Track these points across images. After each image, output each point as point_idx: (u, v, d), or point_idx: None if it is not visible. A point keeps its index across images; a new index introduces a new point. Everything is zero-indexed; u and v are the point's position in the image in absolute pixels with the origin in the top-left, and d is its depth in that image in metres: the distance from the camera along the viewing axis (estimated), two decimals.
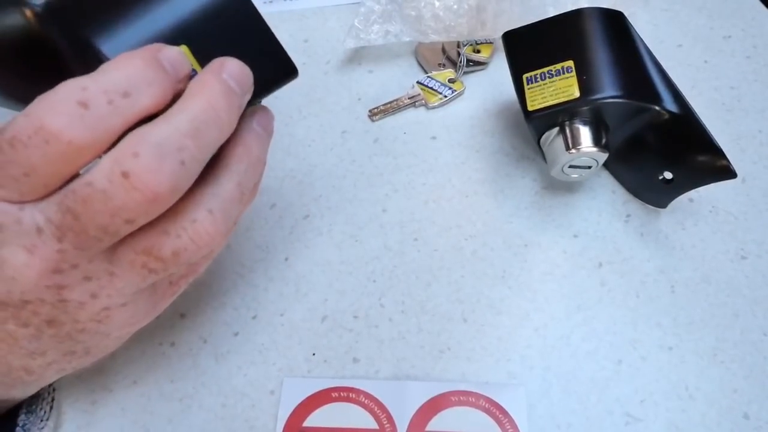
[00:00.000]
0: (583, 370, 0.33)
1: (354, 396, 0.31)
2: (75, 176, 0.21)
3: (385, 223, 0.38)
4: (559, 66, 0.35)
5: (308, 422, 0.31)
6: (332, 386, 0.32)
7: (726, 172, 0.33)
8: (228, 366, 0.33)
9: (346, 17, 0.49)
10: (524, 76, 0.36)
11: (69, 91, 0.19)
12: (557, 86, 0.34)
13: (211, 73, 0.22)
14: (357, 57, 0.47)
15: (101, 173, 0.20)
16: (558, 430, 0.31)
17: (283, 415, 0.31)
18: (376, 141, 0.42)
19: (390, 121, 0.43)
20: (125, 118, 0.20)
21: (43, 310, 0.22)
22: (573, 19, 0.35)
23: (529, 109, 0.35)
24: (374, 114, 0.43)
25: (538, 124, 0.36)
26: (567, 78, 0.34)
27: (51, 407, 0.30)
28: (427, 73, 0.46)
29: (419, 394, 0.31)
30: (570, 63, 0.34)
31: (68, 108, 0.19)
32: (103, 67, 0.20)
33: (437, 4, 0.43)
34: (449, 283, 0.36)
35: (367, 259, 0.37)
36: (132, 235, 0.22)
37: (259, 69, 0.24)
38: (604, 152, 0.34)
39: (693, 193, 0.39)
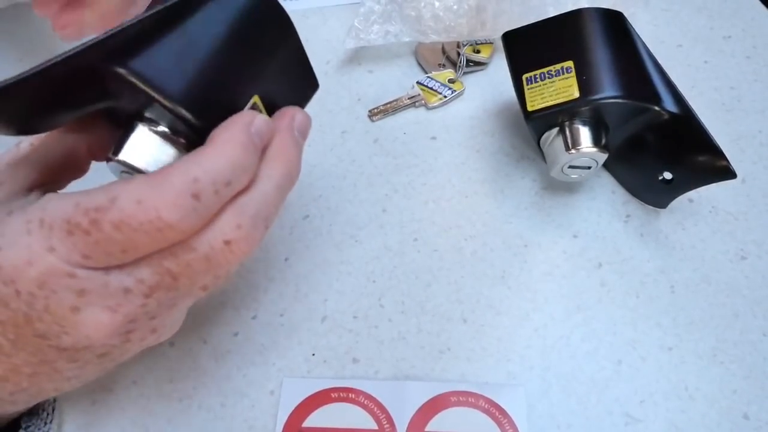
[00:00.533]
0: (582, 370, 0.33)
1: (353, 396, 0.31)
2: None
3: (384, 224, 0.38)
4: (558, 66, 0.35)
5: (308, 422, 0.31)
6: (332, 386, 0.32)
7: (726, 173, 0.33)
8: (227, 366, 0.33)
9: (346, 17, 0.49)
10: (524, 77, 0.36)
11: (183, 183, 0.20)
12: (557, 86, 0.34)
13: (287, 132, 0.24)
14: (357, 57, 0.47)
15: (204, 241, 0.22)
16: (558, 430, 0.31)
17: (283, 415, 0.31)
18: (375, 141, 0.42)
19: (390, 121, 0.43)
20: (224, 203, 0.22)
21: (102, 350, 0.23)
22: (573, 19, 0.35)
23: (529, 109, 0.35)
24: (374, 114, 0.43)
25: (538, 124, 0.36)
26: (567, 78, 0.34)
27: (53, 408, 0.30)
28: (426, 73, 0.46)
29: (419, 395, 0.31)
30: (570, 63, 0.34)
31: (184, 202, 0.20)
32: (207, 152, 0.21)
33: (437, 4, 0.43)
34: (449, 283, 0.36)
35: (367, 260, 0.37)
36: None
37: (296, 88, 0.26)
38: (603, 152, 0.34)
39: (693, 194, 0.39)
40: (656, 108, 0.33)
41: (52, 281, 0.20)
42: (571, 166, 0.35)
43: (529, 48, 0.36)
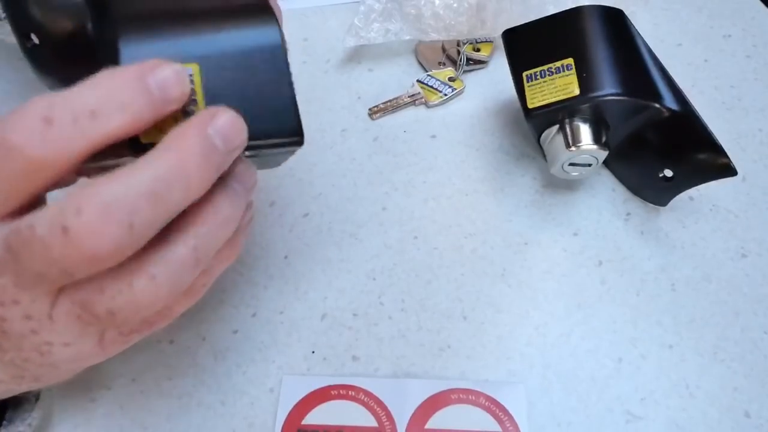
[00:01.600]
0: (583, 368, 0.32)
1: (353, 394, 0.31)
2: (37, 202, 0.20)
3: (384, 222, 0.38)
4: (559, 64, 0.35)
5: (307, 420, 0.31)
6: (332, 384, 0.32)
7: (727, 170, 0.33)
8: (227, 364, 0.33)
9: (346, 16, 0.49)
10: (524, 74, 0.36)
11: (36, 106, 0.18)
12: (557, 84, 0.34)
13: (194, 127, 0.20)
14: (357, 55, 0.47)
15: (44, 220, 0.18)
16: (558, 428, 0.31)
17: (283, 412, 0.31)
18: (375, 139, 0.42)
19: (390, 119, 0.43)
20: (89, 141, 0.19)
21: None
22: (573, 17, 0.35)
23: (529, 106, 0.35)
24: (374, 112, 0.43)
25: (538, 121, 0.36)
26: (567, 76, 0.34)
27: (37, 398, 0.29)
28: (427, 71, 0.46)
29: (419, 392, 0.31)
30: (570, 61, 0.34)
31: (31, 123, 0.18)
32: (82, 83, 0.19)
33: (437, 2, 0.43)
34: (449, 281, 0.36)
35: (367, 257, 0.37)
36: (73, 284, 0.21)
37: (262, 121, 0.22)
38: (603, 150, 0.34)
39: (693, 192, 0.39)
40: (657, 105, 0.33)
41: None
42: (571, 164, 0.35)
43: (530, 45, 0.36)
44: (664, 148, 0.36)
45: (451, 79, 0.45)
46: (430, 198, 0.39)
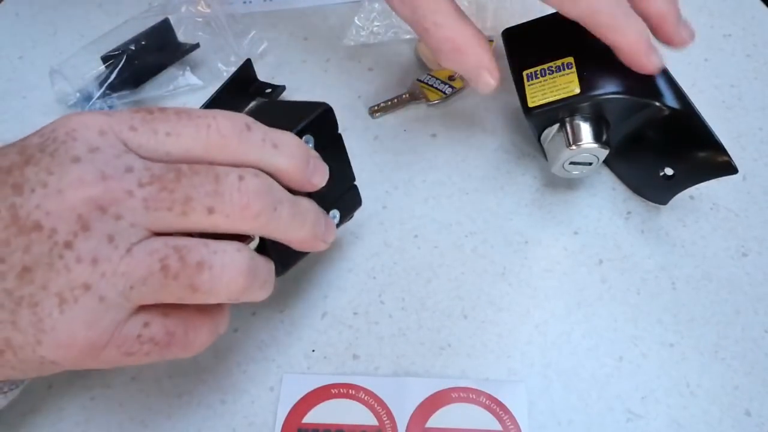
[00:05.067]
0: (583, 366, 0.32)
1: (354, 392, 0.31)
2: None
3: (385, 220, 0.38)
4: (559, 62, 0.35)
5: (308, 419, 0.31)
6: (332, 383, 0.32)
7: (727, 168, 0.33)
8: (227, 362, 0.33)
9: (347, 15, 0.49)
10: (524, 73, 0.36)
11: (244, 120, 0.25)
12: (557, 83, 0.34)
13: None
14: (357, 54, 0.47)
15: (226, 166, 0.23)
16: (559, 426, 0.31)
17: (283, 411, 0.31)
18: (376, 138, 0.42)
19: (390, 118, 0.43)
20: (265, 162, 0.24)
21: (38, 249, 0.21)
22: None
23: (530, 105, 0.35)
24: (374, 111, 0.43)
25: (539, 120, 0.35)
26: (567, 74, 0.34)
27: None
28: (427, 70, 0.46)
29: (419, 391, 0.31)
30: (570, 59, 0.34)
31: (239, 123, 0.24)
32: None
33: None
34: (449, 280, 0.36)
35: (367, 256, 0.37)
36: (177, 234, 0.22)
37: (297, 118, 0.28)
38: (604, 148, 0.34)
39: (693, 191, 0.39)
40: (657, 104, 0.33)
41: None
42: (572, 163, 0.35)
43: (530, 44, 0.36)
44: (664, 146, 0.36)
45: (451, 78, 0.45)
46: (431, 197, 0.39)
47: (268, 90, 0.44)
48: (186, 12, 0.46)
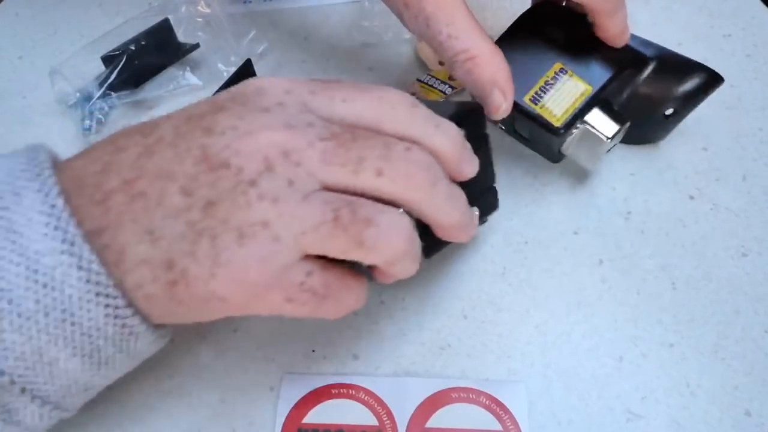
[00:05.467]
0: (583, 366, 0.32)
1: (354, 393, 0.31)
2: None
3: None
4: (551, 73, 0.34)
5: (308, 419, 0.31)
6: (332, 383, 0.32)
7: (715, 80, 0.36)
8: (227, 362, 0.33)
9: (347, 15, 0.49)
10: (526, 99, 0.34)
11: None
12: (564, 90, 0.34)
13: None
14: (357, 55, 0.47)
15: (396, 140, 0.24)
16: (559, 426, 0.31)
17: (283, 411, 0.31)
18: None
19: None
20: (426, 139, 0.25)
21: (223, 185, 0.22)
22: (528, 22, 0.36)
23: (557, 125, 0.34)
24: None
25: (567, 133, 0.35)
26: (568, 79, 0.34)
27: None
28: (427, 70, 0.46)
29: (419, 391, 0.31)
30: (559, 65, 0.34)
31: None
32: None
33: None
34: (449, 279, 0.36)
35: None
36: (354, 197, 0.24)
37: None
38: (625, 124, 0.35)
39: (693, 191, 0.39)
40: (644, 65, 0.36)
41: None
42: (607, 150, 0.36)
43: (510, 65, 0.33)
44: (658, 91, 0.37)
45: (451, 79, 0.45)
46: None
47: None
48: (186, 12, 0.46)
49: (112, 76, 0.42)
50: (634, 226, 0.38)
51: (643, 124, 0.38)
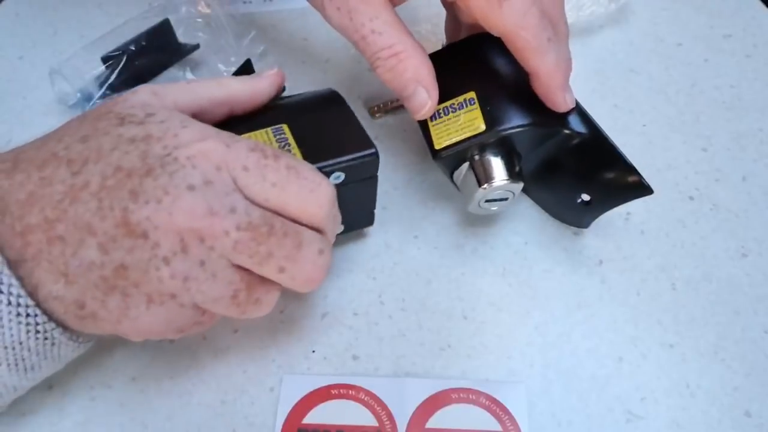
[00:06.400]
0: (583, 367, 0.33)
1: (354, 393, 0.31)
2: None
3: (385, 221, 0.38)
4: (461, 99, 0.32)
5: (307, 419, 0.31)
6: (332, 383, 0.32)
7: (641, 189, 0.31)
8: (227, 363, 0.33)
9: None
10: None
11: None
12: (462, 120, 0.32)
13: None
14: (357, 55, 0.47)
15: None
16: (558, 427, 0.31)
17: (283, 412, 0.31)
18: (376, 139, 0.42)
19: (390, 119, 0.43)
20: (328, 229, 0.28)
21: (139, 254, 0.23)
22: (470, 46, 0.34)
23: (436, 147, 0.32)
24: (374, 112, 0.43)
25: (447, 162, 0.33)
26: (471, 110, 0.32)
27: None
28: None
29: (419, 391, 0.31)
30: (472, 94, 0.32)
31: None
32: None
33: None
34: (449, 280, 0.36)
35: (367, 257, 0.37)
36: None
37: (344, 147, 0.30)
38: (518, 182, 0.33)
39: (693, 191, 0.39)
40: (565, 131, 0.32)
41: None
42: (487, 200, 0.34)
43: None
44: (578, 172, 0.34)
45: None
46: (431, 197, 0.39)
47: None
48: (186, 12, 0.46)
49: (112, 77, 0.42)
50: (633, 227, 0.38)
51: (560, 199, 0.36)
